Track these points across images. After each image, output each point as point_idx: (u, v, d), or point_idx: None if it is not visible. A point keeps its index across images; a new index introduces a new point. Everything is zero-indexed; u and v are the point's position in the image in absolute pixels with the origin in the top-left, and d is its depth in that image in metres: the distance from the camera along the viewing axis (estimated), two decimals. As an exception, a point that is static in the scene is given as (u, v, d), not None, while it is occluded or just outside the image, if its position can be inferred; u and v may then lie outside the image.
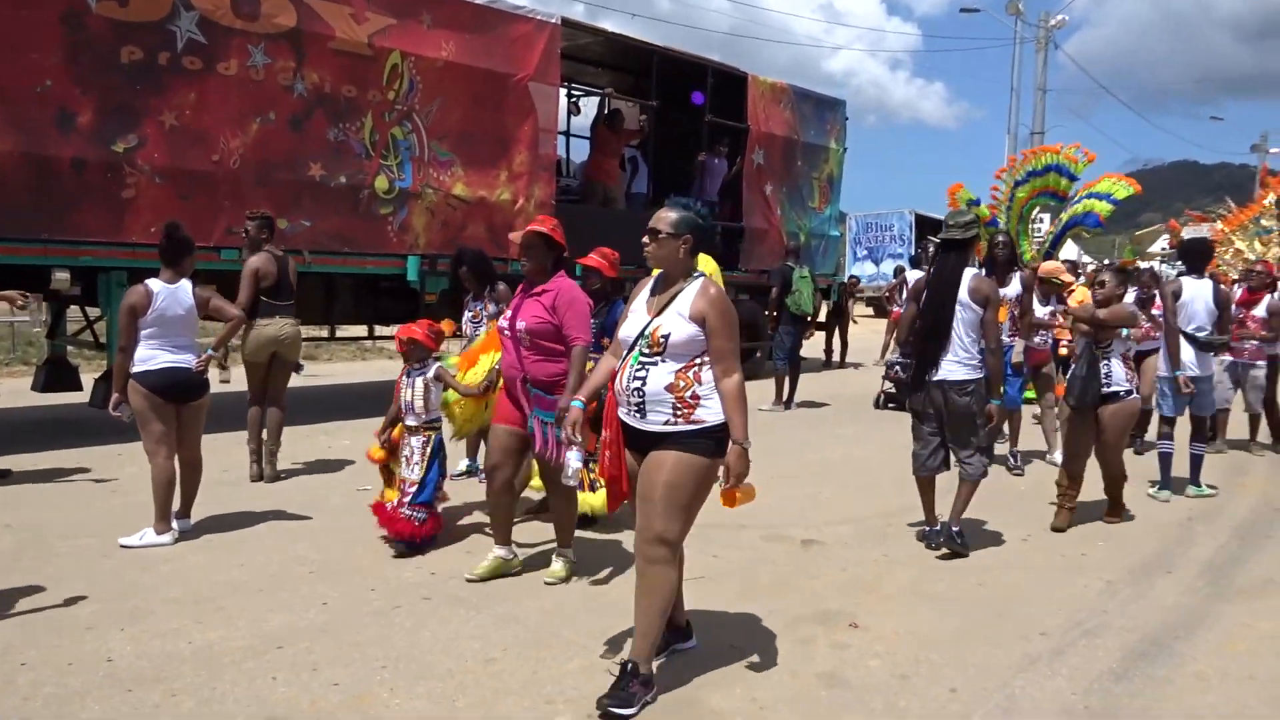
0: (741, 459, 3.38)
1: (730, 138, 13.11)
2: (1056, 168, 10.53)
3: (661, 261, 3.51)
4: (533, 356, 4.53)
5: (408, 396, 5.30)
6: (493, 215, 10.11)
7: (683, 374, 3.38)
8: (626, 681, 3.41)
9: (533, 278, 4.60)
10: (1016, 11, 26.96)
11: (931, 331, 5.39)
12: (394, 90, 9.18)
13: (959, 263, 5.43)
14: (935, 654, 4.00)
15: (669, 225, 3.46)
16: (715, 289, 3.43)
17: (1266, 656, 4.09)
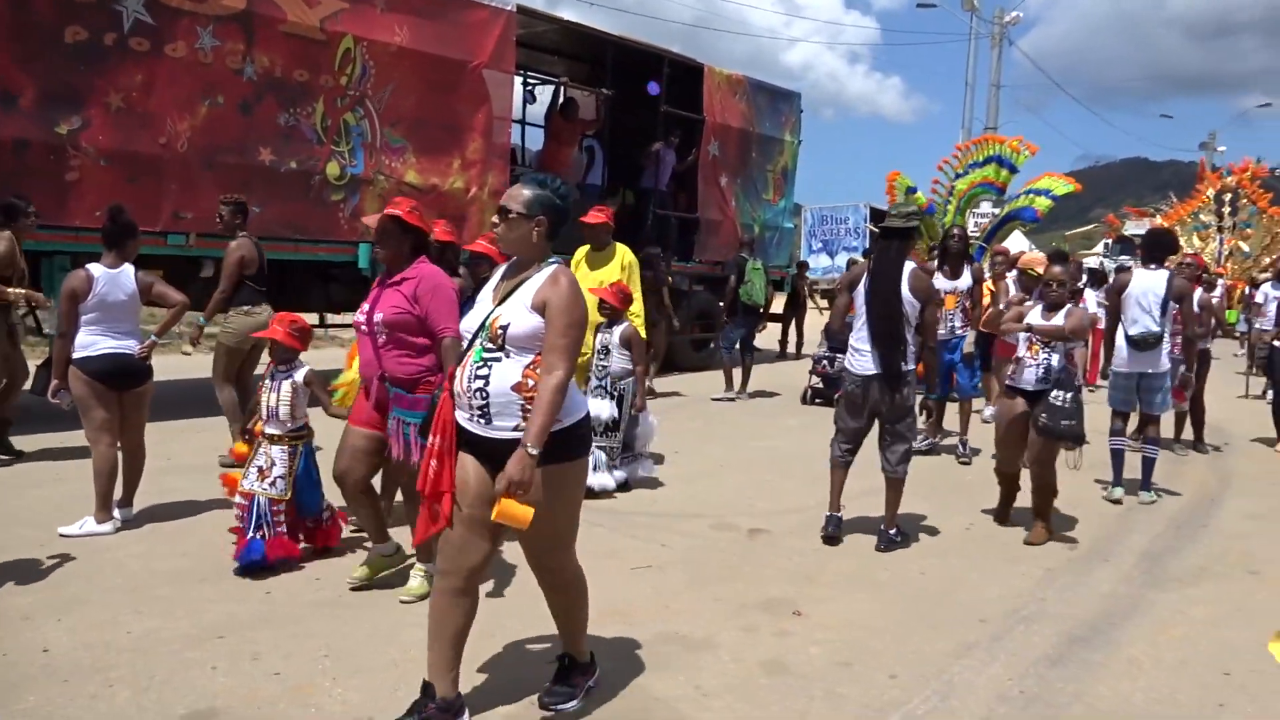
0: (521, 465, 2.87)
1: (685, 129, 13.13)
2: (998, 159, 10.62)
3: (512, 245, 3.14)
4: (392, 352, 4.20)
5: (270, 401, 4.75)
6: (446, 204, 10.04)
7: (532, 370, 3.00)
8: (567, 675, 3.38)
9: (390, 266, 4.27)
10: (972, 7, 27.23)
11: (881, 325, 5.30)
12: (346, 75, 9.09)
13: (900, 252, 5.40)
14: (876, 641, 4.05)
15: (521, 204, 3.09)
16: (567, 278, 3.06)
17: (1199, 643, 4.19)
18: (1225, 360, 15.35)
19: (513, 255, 3.21)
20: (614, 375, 6.34)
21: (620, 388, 6.36)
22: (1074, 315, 5.72)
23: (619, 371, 6.34)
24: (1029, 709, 3.50)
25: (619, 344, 6.34)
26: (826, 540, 5.39)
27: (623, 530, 5.57)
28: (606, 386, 6.35)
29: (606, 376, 6.35)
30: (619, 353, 6.34)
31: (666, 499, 6.35)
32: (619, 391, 6.35)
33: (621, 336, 6.36)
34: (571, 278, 3.10)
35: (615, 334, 6.35)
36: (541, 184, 3.15)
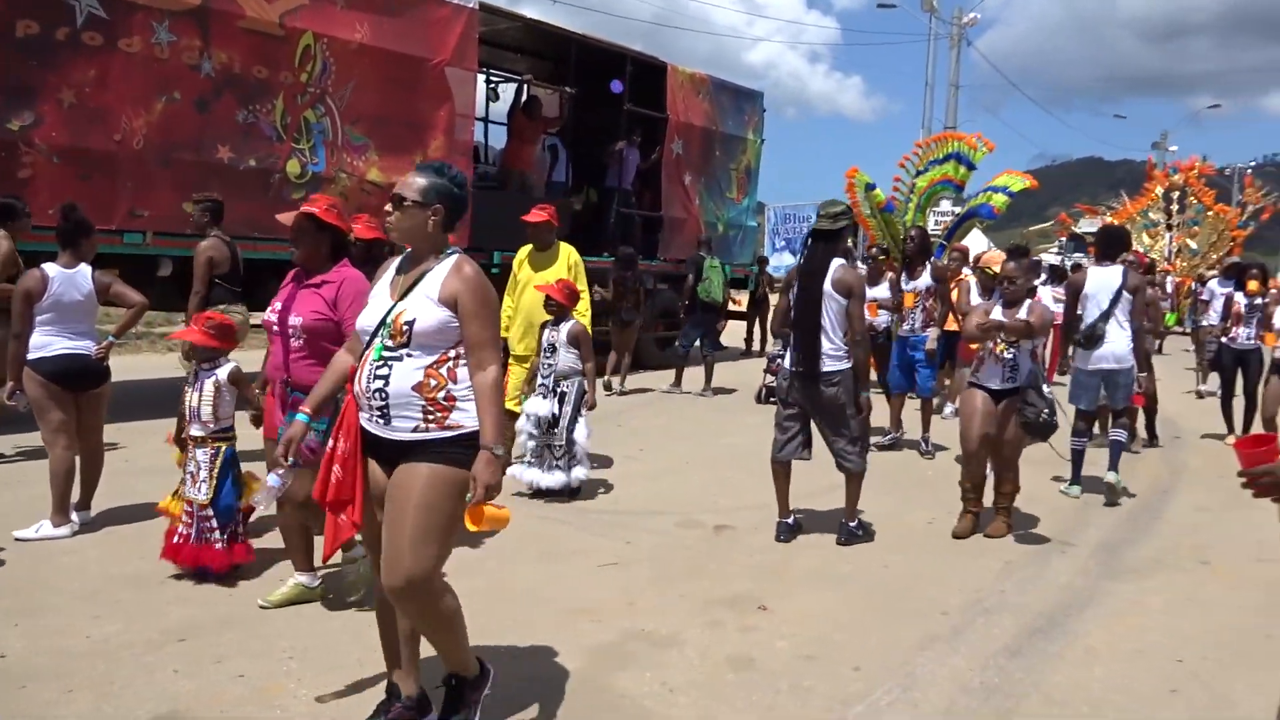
0: (490, 467, 2.80)
1: (648, 127, 13.15)
2: (957, 156, 10.64)
3: (407, 235, 2.97)
4: (305, 358, 3.94)
5: (193, 402, 4.50)
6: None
7: (434, 370, 2.86)
8: (457, 695, 3.15)
9: (306, 267, 4.02)
10: (931, 8, 27.51)
11: (802, 323, 5.33)
12: (306, 72, 8.99)
13: (828, 253, 5.36)
14: (840, 634, 4.10)
15: (416, 193, 2.93)
16: (471, 267, 2.93)
17: (1153, 632, 4.29)
18: (1175, 356, 15.67)
19: (407, 246, 3.03)
20: (559, 373, 6.20)
21: (564, 386, 6.20)
22: (1035, 309, 5.76)
23: (564, 370, 6.20)
24: (989, 699, 3.56)
25: (566, 342, 6.20)
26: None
27: (588, 528, 5.58)
28: (550, 385, 6.20)
29: (551, 374, 6.21)
30: (566, 351, 6.20)
31: (631, 497, 6.37)
32: (562, 390, 6.19)
33: (569, 334, 6.21)
34: (476, 266, 2.97)
35: (562, 332, 6.21)
36: (438, 171, 3.01)
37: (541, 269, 6.74)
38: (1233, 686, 3.69)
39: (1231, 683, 3.71)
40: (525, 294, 6.72)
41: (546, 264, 6.76)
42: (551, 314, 6.27)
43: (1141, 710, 3.52)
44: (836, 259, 5.37)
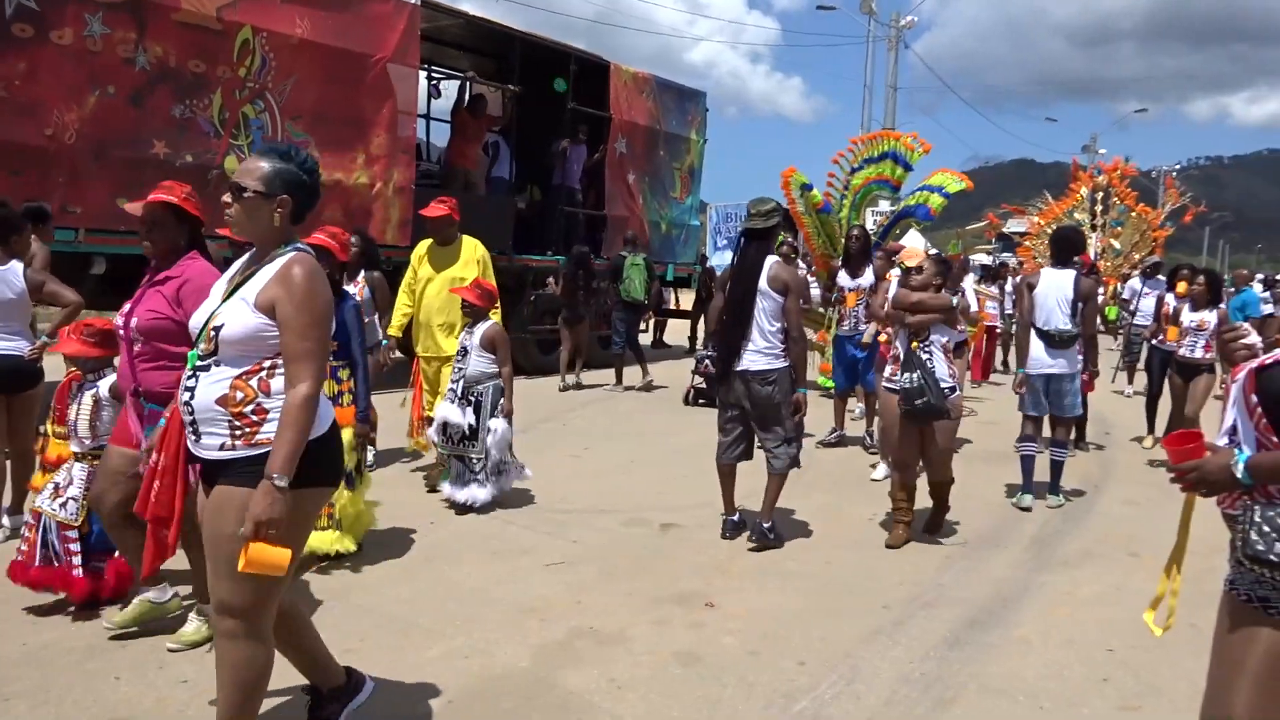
0: (267, 499, 2.45)
1: (592, 125, 13.16)
2: (893, 155, 10.55)
3: (248, 230, 2.67)
4: (147, 363, 3.56)
5: (71, 415, 4.05)
6: (350, 199, 9.87)
7: (242, 381, 2.57)
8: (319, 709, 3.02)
9: (159, 261, 3.62)
10: (870, 10, 27.91)
11: (734, 321, 5.28)
12: (245, 67, 8.84)
13: (761, 251, 5.31)
14: (785, 629, 4.17)
15: (258, 181, 2.63)
16: (301, 269, 2.59)
17: (1084, 621, 4.43)
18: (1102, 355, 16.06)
19: (251, 242, 2.75)
20: (470, 379, 5.87)
21: (478, 392, 5.88)
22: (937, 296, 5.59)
23: (476, 375, 5.88)
24: (929, 690, 3.65)
25: (480, 345, 5.87)
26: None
27: (535, 528, 5.59)
28: (458, 390, 5.88)
29: (461, 380, 5.89)
30: (479, 355, 5.88)
31: (577, 495, 6.38)
32: (476, 397, 5.87)
33: (484, 337, 5.88)
34: (310, 268, 2.63)
35: (477, 335, 5.89)
36: (284, 156, 2.69)
37: (444, 266, 6.39)
38: (1160, 674, 3.83)
39: (1159, 670, 3.86)
40: (426, 292, 6.41)
41: (449, 261, 6.40)
42: (468, 317, 5.98)
43: (1075, 698, 3.64)
44: (771, 256, 5.34)
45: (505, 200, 12.34)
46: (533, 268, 12.37)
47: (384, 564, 4.83)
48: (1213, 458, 2.20)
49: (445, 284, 6.31)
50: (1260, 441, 2.16)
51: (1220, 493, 2.22)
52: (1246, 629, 2.16)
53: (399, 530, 5.35)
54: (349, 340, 4.70)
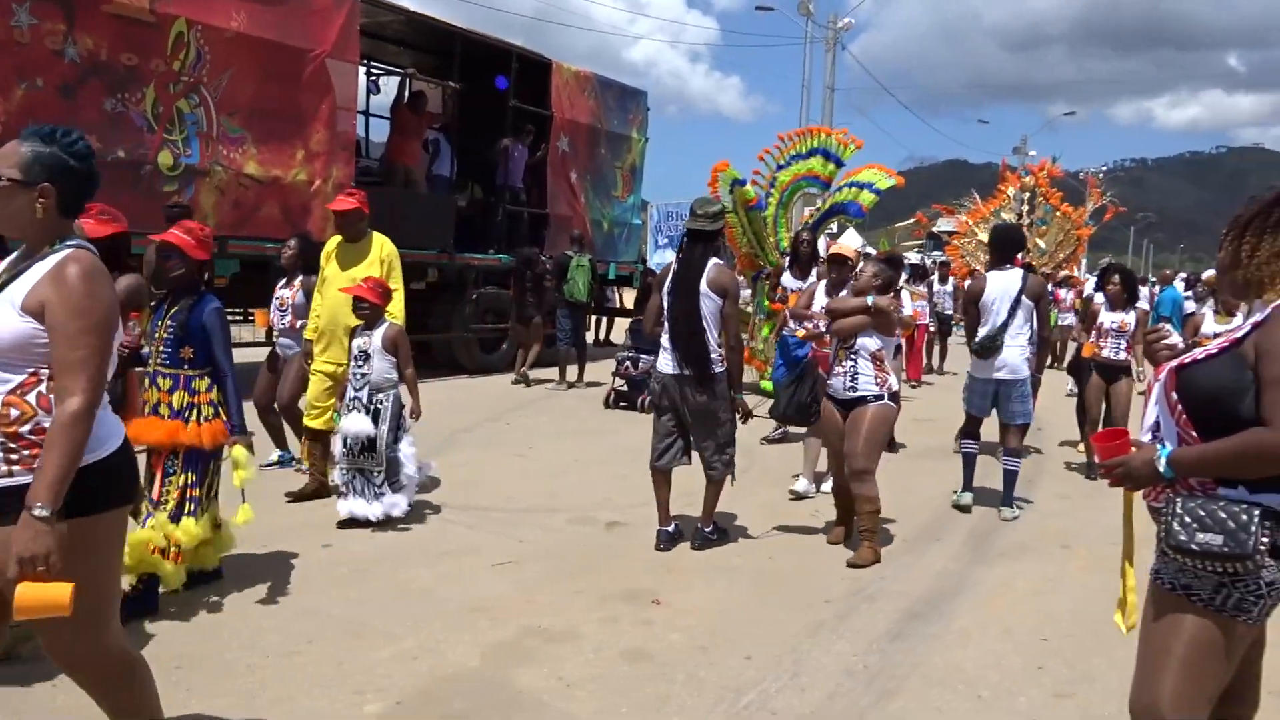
0: (28, 533, 2.13)
1: (534, 123, 13.14)
2: (824, 151, 10.40)
3: (6, 224, 2.38)
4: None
5: None
6: (288, 196, 9.75)
7: (16, 397, 2.27)
8: None
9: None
10: (807, 12, 28.22)
11: (681, 324, 5.13)
12: (179, 60, 8.68)
13: (705, 254, 5.19)
14: (731, 625, 4.24)
15: (14, 167, 2.33)
16: (76, 268, 2.29)
17: (1020, 612, 4.57)
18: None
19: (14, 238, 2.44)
20: (374, 385, 5.47)
21: (380, 400, 5.49)
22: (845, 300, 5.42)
23: (380, 381, 5.49)
24: (873, 682, 3.74)
25: (381, 348, 5.49)
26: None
27: (481, 527, 5.59)
28: (364, 399, 5.46)
29: (365, 387, 5.47)
30: (381, 358, 5.49)
31: (524, 495, 6.39)
32: (378, 405, 5.47)
33: (384, 339, 5.49)
34: (88, 267, 2.33)
35: (376, 337, 5.48)
36: (46, 138, 2.38)
37: (352, 265, 5.89)
38: (1092, 662, 3.96)
39: (1091, 659, 3.99)
40: (329, 293, 5.95)
41: (357, 259, 5.91)
42: (362, 318, 5.52)
43: (1012, 686, 3.75)
44: (713, 259, 5.23)
45: (446, 198, 12.28)
46: (474, 266, 12.32)
47: (330, 565, 4.79)
48: (1137, 454, 2.30)
49: (347, 285, 5.80)
50: (1181, 437, 2.26)
51: (1145, 486, 2.32)
52: (1171, 616, 2.26)
53: (344, 532, 5.32)
54: (210, 346, 4.18)
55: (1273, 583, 2.17)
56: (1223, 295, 2.45)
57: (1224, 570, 2.16)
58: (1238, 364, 2.18)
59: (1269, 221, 2.24)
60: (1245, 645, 2.28)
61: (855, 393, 5.29)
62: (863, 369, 5.28)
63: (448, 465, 7.11)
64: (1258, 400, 2.11)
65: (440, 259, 11.84)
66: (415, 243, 11.48)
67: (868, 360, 5.28)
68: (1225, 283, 2.38)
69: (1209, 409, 2.20)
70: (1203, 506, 2.17)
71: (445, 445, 7.86)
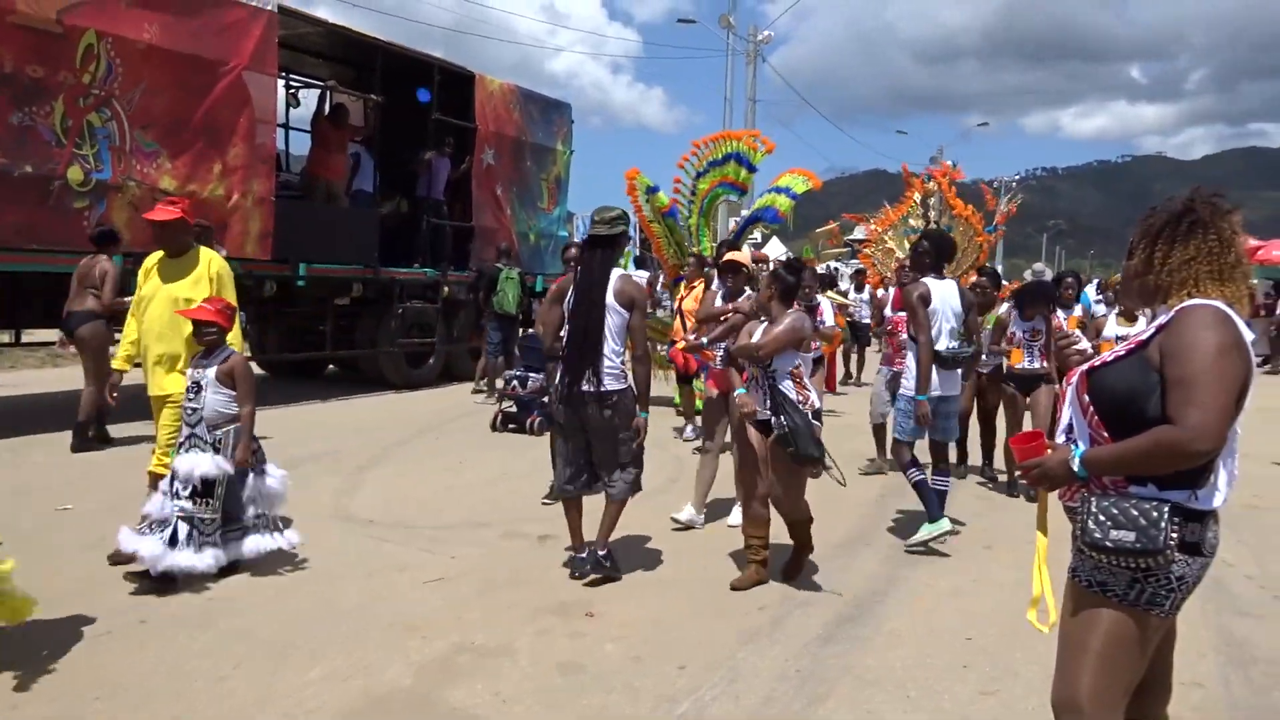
0: None
1: (458, 136, 13.07)
2: (736, 156, 10.17)
3: None
4: None
5: None
6: (206, 211, 9.51)
7: None
8: None
9: None
10: (728, 25, 28.60)
11: (582, 339, 4.81)
12: (89, 73, 8.43)
13: (606, 262, 4.91)
14: (666, 635, 4.26)
15: None
16: None
17: (944, 612, 4.68)
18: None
19: None
20: (209, 421, 4.77)
21: (217, 438, 4.78)
22: (776, 333, 4.85)
23: (214, 416, 4.78)
24: (805, 686, 3.79)
25: (216, 380, 4.80)
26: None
27: (411, 544, 5.53)
28: (203, 435, 4.76)
29: (200, 423, 4.77)
30: (215, 391, 4.79)
31: (454, 510, 6.33)
32: (215, 443, 4.78)
33: (222, 371, 4.82)
34: None
35: (212, 368, 4.81)
36: None
37: (174, 280, 5.23)
38: (1014, 659, 4.07)
39: (1013, 655, 4.10)
40: (146, 316, 5.21)
41: (181, 274, 5.24)
42: (206, 344, 4.87)
43: (938, 685, 3.84)
44: (617, 269, 4.96)
45: (370, 212, 12.14)
46: (399, 280, 12.19)
47: (257, 586, 4.70)
48: (1053, 455, 2.39)
49: (168, 305, 5.12)
50: (1093, 437, 2.35)
51: (1061, 486, 2.41)
52: (1088, 612, 2.35)
53: (269, 551, 5.20)
54: None
55: (1182, 577, 2.26)
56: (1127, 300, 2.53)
57: (1137, 566, 2.24)
58: (1144, 366, 2.27)
59: (1179, 230, 2.34)
60: (1159, 638, 2.37)
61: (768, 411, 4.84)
62: (781, 387, 4.83)
63: (377, 482, 7.03)
64: (1163, 400, 2.20)
65: (365, 274, 11.69)
66: (339, 258, 11.35)
67: (785, 377, 4.85)
68: (1135, 288, 2.47)
69: (1118, 410, 2.29)
70: (1116, 505, 2.26)
71: (374, 461, 7.76)
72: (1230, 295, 2.28)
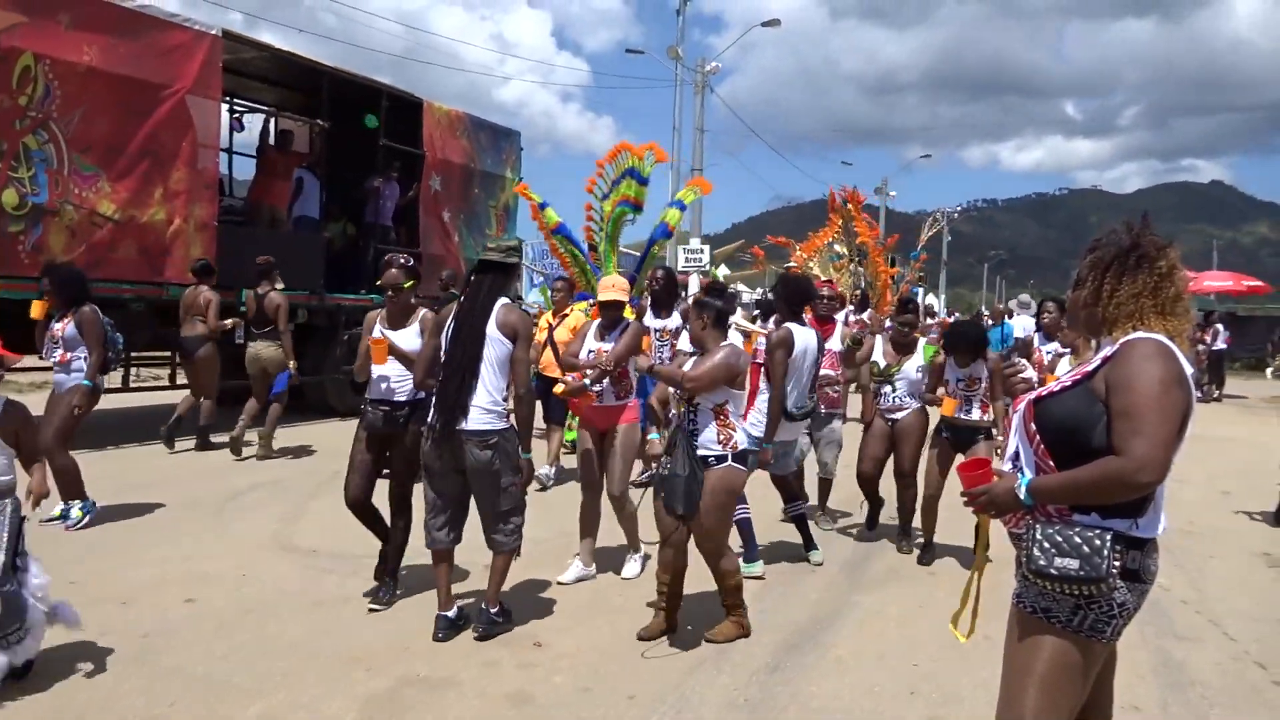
0: None
1: (405, 162, 13.02)
2: (630, 171, 9.36)
3: None
4: None
5: None
6: (146, 236, 9.37)
7: None
8: None
9: None
10: (676, 56, 28.88)
11: (456, 370, 4.42)
12: (26, 95, 8.27)
13: (494, 290, 4.55)
14: (614, 665, 4.23)
15: None
16: None
17: (892, 638, 4.71)
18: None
19: None
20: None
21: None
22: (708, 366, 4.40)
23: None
24: (754, 714, 3.79)
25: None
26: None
27: (355, 575, 5.42)
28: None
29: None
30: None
31: (399, 540, 6.23)
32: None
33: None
34: None
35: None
36: None
37: None
38: (961, 684, 4.11)
39: (959, 680, 4.14)
40: None
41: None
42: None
43: (888, 711, 3.86)
44: (503, 298, 4.59)
45: (315, 238, 12.01)
46: (345, 307, 12.05)
47: (194, 620, 4.58)
48: (999, 482, 2.43)
49: None
50: (1039, 466, 2.39)
51: (1007, 513, 2.45)
52: (1032, 638, 2.38)
53: (210, 585, 5.09)
54: None
55: (1124, 604, 2.30)
56: (1074, 329, 2.53)
57: (1080, 593, 2.28)
58: (1089, 396, 2.32)
59: (1127, 264, 2.40)
60: (1100, 663, 2.41)
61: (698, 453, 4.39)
62: (703, 425, 4.41)
63: (321, 511, 6.92)
64: (1109, 430, 2.25)
65: (310, 300, 11.54)
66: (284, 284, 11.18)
67: (708, 414, 4.41)
68: (1082, 318, 2.52)
69: (1064, 439, 2.33)
70: (1060, 533, 2.30)
71: (318, 490, 7.64)
72: (1172, 329, 2.34)
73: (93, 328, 6.33)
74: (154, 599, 4.83)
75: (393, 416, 4.96)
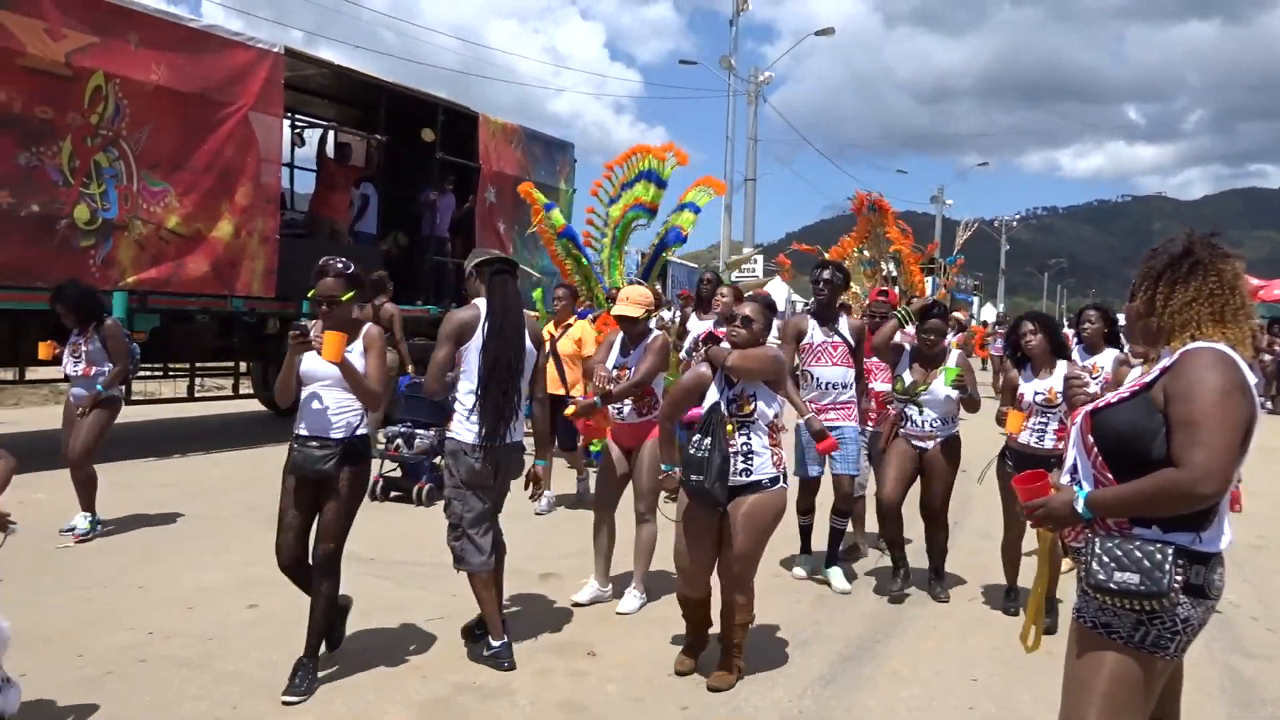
0: None
1: (461, 175, 13.17)
2: (647, 174, 9.03)
3: None
4: None
5: None
6: (211, 249, 9.59)
7: None
8: None
9: None
10: (729, 66, 28.88)
11: (503, 378, 4.21)
12: (97, 114, 8.52)
13: (518, 294, 4.49)
14: (666, 676, 4.22)
15: None
16: None
17: (949, 654, 4.64)
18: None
19: None
20: None
21: None
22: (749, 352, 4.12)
23: None
24: (808, 727, 3.76)
25: None
26: None
27: (410, 583, 5.49)
28: None
29: None
30: None
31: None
32: None
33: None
34: None
35: None
36: None
37: None
38: (1021, 699, 4.04)
39: (1019, 696, 4.07)
40: None
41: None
42: None
43: (943, 727, 3.81)
44: None
45: (373, 250, 12.19)
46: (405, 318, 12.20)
47: (254, 626, 4.67)
48: (1057, 495, 2.38)
49: None
50: (1097, 479, 2.34)
51: (1065, 527, 2.40)
52: (1093, 654, 2.33)
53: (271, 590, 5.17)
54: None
55: (1188, 619, 2.25)
56: (1133, 341, 2.44)
57: (1141, 608, 2.23)
58: (1148, 407, 2.27)
59: (1179, 273, 2.35)
60: (1164, 680, 2.35)
61: (749, 476, 4.04)
62: (757, 445, 4.06)
63: (375, 519, 7.00)
64: (1168, 442, 2.20)
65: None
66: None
67: (763, 434, 4.09)
68: (1138, 329, 2.48)
69: (1122, 451, 2.29)
70: (1119, 546, 2.25)
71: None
72: (1232, 337, 2.28)
73: (118, 341, 6.43)
74: (216, 604, 4.93)
75: (325, 456, 3.97)
